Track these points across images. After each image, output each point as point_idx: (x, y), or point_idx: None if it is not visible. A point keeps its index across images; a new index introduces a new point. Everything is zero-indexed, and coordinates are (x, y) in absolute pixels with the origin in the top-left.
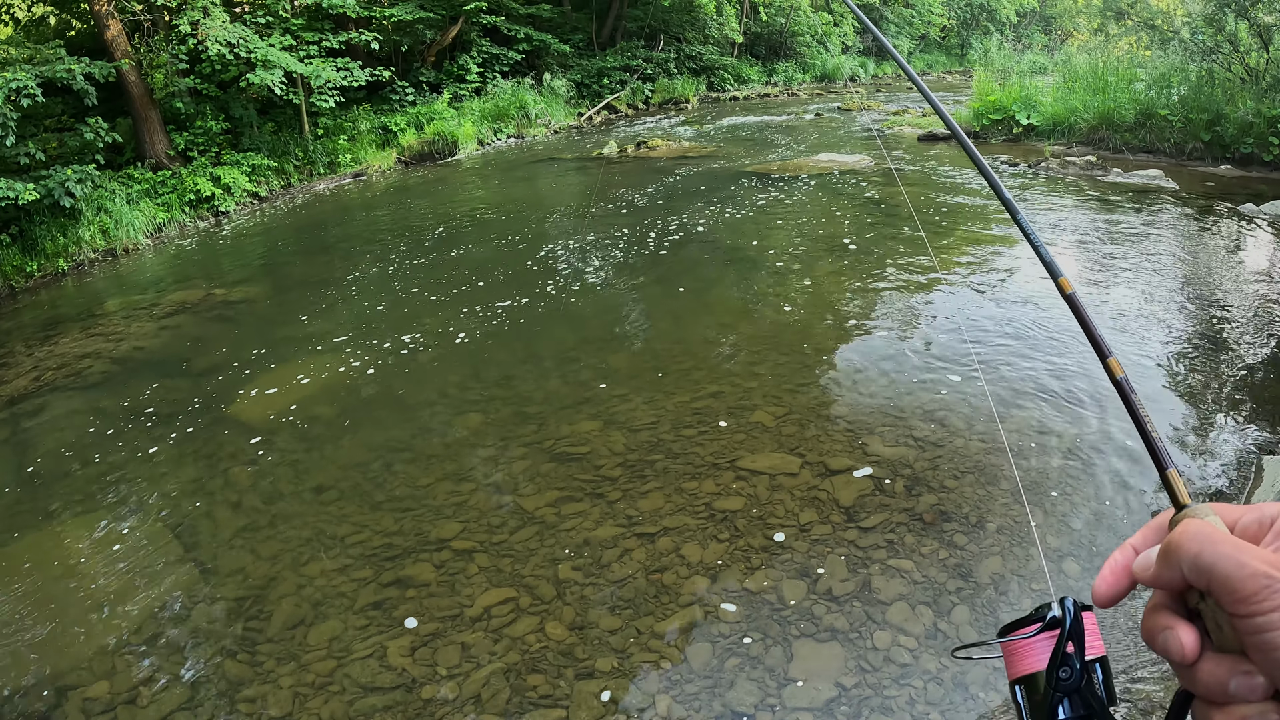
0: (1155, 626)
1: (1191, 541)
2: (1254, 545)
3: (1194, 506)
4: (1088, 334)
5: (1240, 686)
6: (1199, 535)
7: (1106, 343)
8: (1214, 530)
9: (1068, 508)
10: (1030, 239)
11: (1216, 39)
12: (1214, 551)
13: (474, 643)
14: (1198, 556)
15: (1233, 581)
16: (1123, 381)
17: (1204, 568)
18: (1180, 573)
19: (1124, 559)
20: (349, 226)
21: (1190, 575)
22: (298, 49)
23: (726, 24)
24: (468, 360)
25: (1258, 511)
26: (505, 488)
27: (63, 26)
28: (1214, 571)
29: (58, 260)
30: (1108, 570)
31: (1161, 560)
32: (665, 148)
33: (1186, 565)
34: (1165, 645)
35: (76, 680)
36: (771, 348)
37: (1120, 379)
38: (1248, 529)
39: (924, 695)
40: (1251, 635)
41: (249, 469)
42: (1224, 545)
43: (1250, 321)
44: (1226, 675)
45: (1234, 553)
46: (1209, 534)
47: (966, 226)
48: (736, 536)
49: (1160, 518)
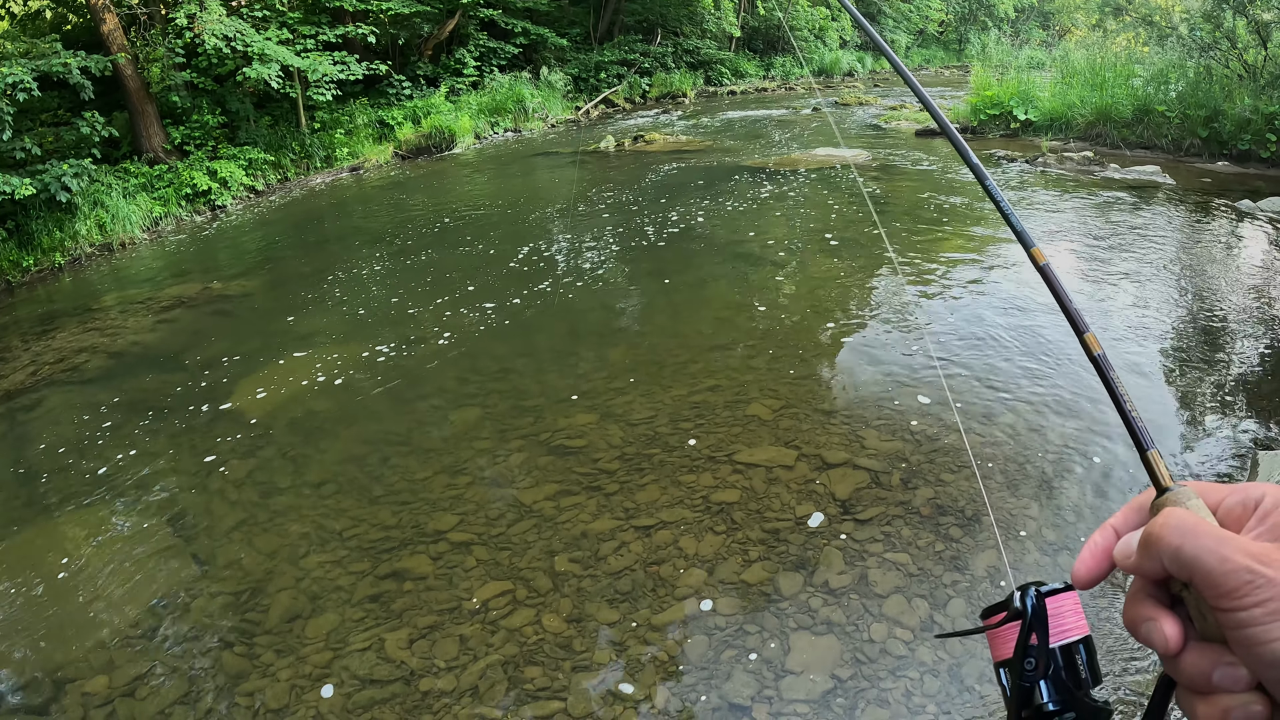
0: (1138, 616)
1: (1173, 534)
2: (1236, 535)
3: (1176, 490)
4: (1063, 308)
5: (1224, 678)
6: (1180, 527)
7: (1083, 318)
8: (1196, 521)
9: (1062, 500)
10: (1000, 207)
11: (1214, 35)
12: (1195, 545)
13: (471, 635)
14: (1179, 550)
15: (1214, 576)
16: (1100, 359)
17: (1185, 561)
18: (1161, 564)
19: (1104, 541)
20: (346, 220)
21: (1171, 568)
22: (294, 42)
23: (724, 18)
24: (465, 353)
25: (1241, 493)
26: (502, 481)
27: (59, 20)
28: (1195, 565)
29: (54, 255)
30: (1087, 553)
31: (1143, 550)
32: (662, 142)
33: (1167, 558)
34: (1149, 636)
35: (75, 674)
36: (768, 341)
37: (1098, 355)
38: (1231, 511)
39: (920, 687)
40: (1234, 630)
41: (246, 463)
42: (1206, 539)
43: (1246, 317)
44: (1210, 666)
45: (1216, 546)
46: (1190, 525)
47: (964, 221)
48: (734, 529)
49: (1141, 498)
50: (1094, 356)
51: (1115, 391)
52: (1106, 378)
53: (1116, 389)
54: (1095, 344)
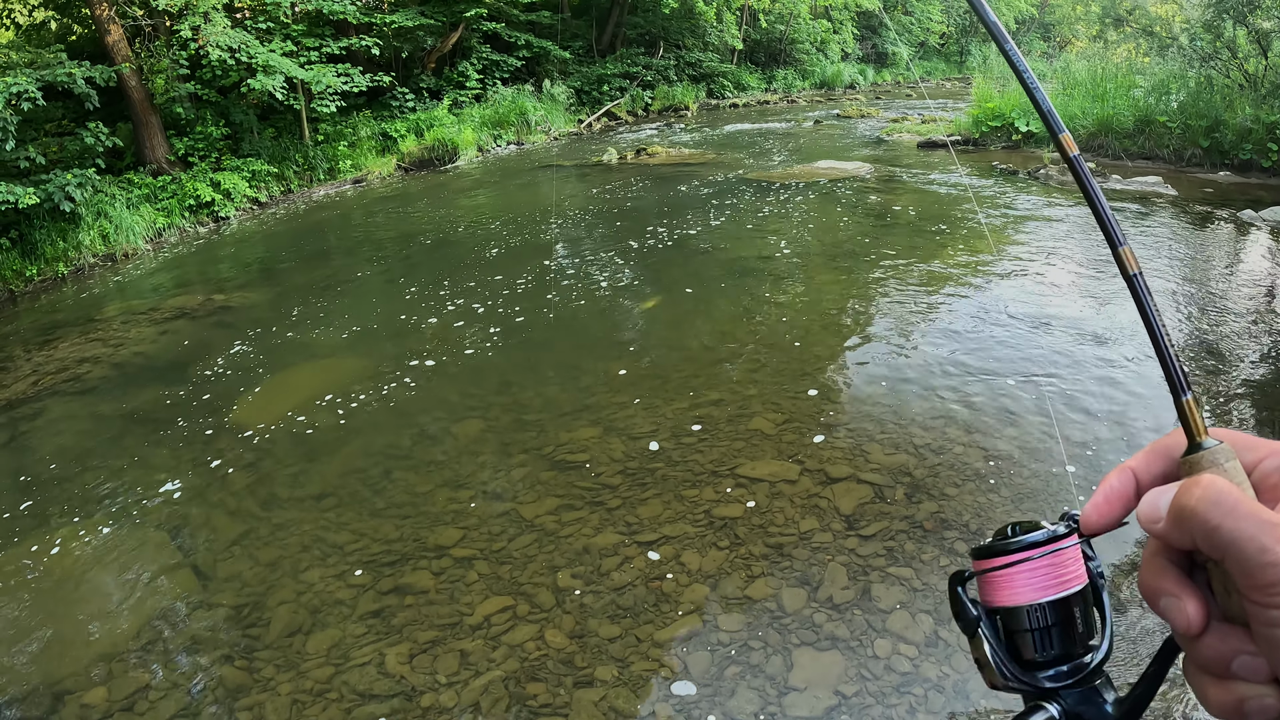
0: (1157, 588)
1: (1211, 510)
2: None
3: (1213, 448)
4: (1098, 218)
5: (1244, 667)
6: (1221, 503)
7: (1119, 229)
8: (1237, 500)
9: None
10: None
11: (1215, 45)
12: (1235, 529)
13: (473, 650)
14: (1216, 531)
15: (1251, 566)
16: (1135, 278)
17: (1221, 544)
18: (1191, 539)
19: (1121, 486)
20: (349, 233)
21: (1203, 546)
22: (298, 54)
23: (726, 31)
24: (467, 366)
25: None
26: (505, 495)
27: (64, 31)
28: (1231, 549)
29: (57, 265)
30: (1101, 497)
31: (1173, 521)
32: (665, 154)
33: (1200, 536)
34: (1167, 612)
35: (74, 686)
36: (771, 355)
37: (1133, 275)
38: (1268, 477)
39: (925, 703)
40: (1262, 626)
41: (247, 475)
42: (1247, 521)
43: (1249, 328)
44: (1230, 654)
45: (1257, 533)
46: (1231, 504)
47: (966, 233)
48: (736, 544)
49: (1167, 441)
50: (1129, 275)
51: (1153, 322)
52: (1144, 305)
53: (1155, 319)
54: (1132, 260)
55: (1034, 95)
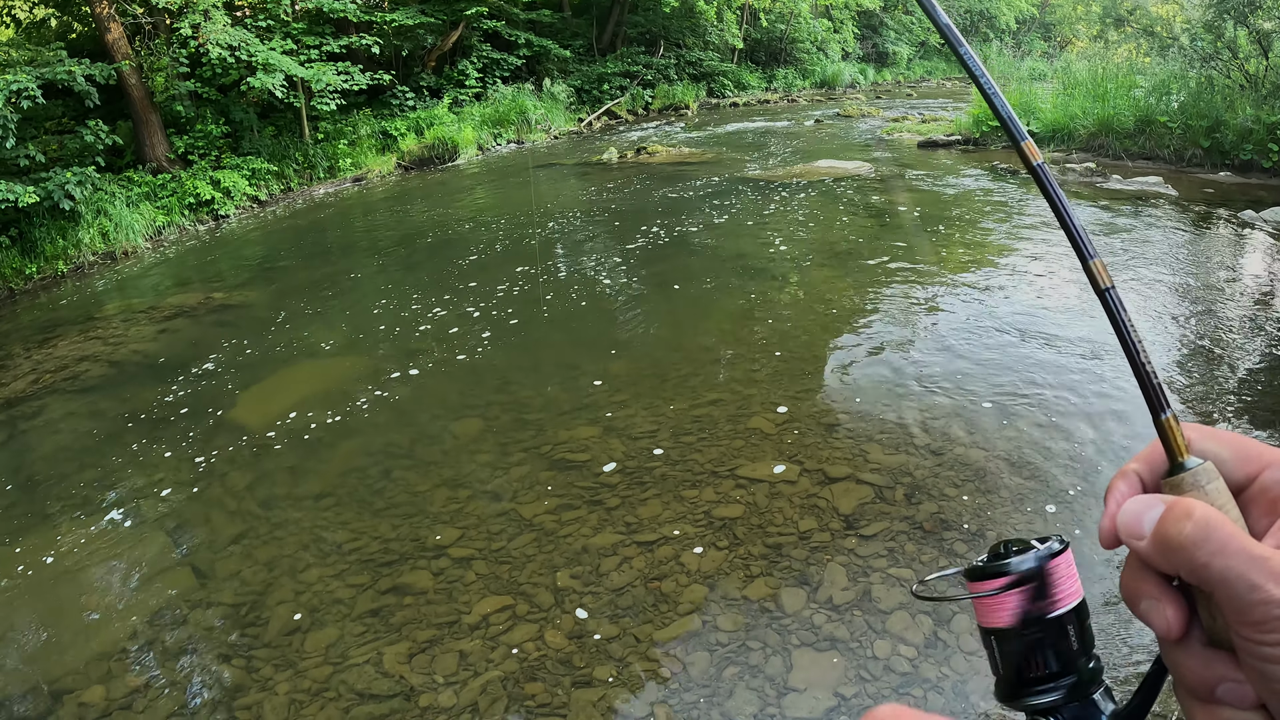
0: (1138, 591)
1: (1200, 548)
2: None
3: (1195, 469)
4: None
5: (1229, 693)
6: (1210, 540)
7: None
8: (1228, 534)
9: (1068, 515)
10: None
11: (1216, 46)
12: (1225, 567)
13: (472, 650)
14: (1205, 569)
15: (1240, 603)
16: (1108, 292)
17: (1210, 581)
18: (1176, 570)
19: (1130, 492)
20: (349, 231)
21: (1191, 580)
22: (298, 53)
23: (727, 30)
24: (466, 365)
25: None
26: (503, 494)
27: (64, 29)
28: (1219, 585)
29: (57, 263)
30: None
31: (1157, 548)
32: (665, 153)
33: (1186, 570)
34: (1147, 615)
35: (72, 684)
36: (770, 354)
37: (1105, 289)
38: (1267, 490)
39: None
40: (1251, 659)
41: (246, 474)
42: (1237, 559)
43: (1250, 329)
44: (1215, 681)
45: (1246, 570)
46: (1220, 540)
47: (966, 232)
48: (736, 544)
49: None
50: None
51: (1128, 339)
52: (1117, 320)
53: (1129, 335)
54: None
55: (993, 103)
